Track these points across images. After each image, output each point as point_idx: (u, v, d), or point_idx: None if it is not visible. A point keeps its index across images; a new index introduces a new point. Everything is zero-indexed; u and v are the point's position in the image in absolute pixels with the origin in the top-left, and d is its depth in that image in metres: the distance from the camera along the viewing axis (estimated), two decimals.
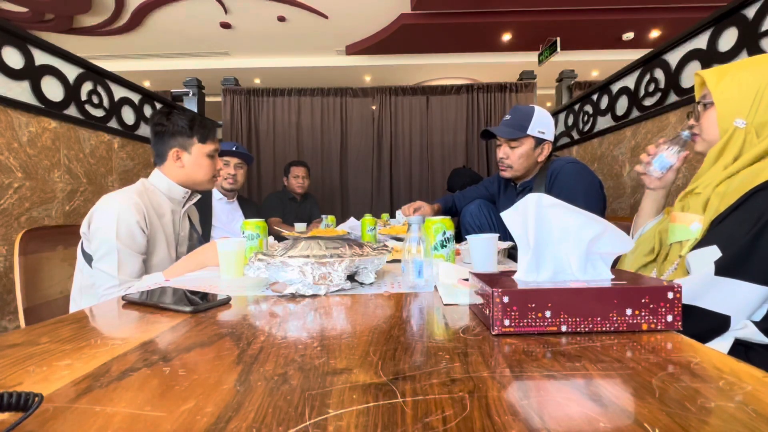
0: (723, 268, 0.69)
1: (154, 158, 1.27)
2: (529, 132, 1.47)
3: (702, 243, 0.75)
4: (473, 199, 1.74)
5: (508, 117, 1.54)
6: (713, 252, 0.71)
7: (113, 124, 2.18)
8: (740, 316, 0.68)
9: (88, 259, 1.11)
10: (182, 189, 1.27)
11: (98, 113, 2.07)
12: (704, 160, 0.86)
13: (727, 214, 0.74)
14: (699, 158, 0.90)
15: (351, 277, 0.81)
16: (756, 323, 0.69)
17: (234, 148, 2.23)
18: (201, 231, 1.95)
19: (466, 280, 0.70)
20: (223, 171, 2.18)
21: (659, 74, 1.95)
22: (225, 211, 2.27)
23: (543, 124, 1.49)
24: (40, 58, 1.75)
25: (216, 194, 2.24)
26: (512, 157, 1.50)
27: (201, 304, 0.64)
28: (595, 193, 1.39)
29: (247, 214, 2.34)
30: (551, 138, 1.51)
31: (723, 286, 0.68)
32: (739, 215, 0.72)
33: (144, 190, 1.19)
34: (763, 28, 1.40)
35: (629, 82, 2.20)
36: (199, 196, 1.36)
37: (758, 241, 0.67)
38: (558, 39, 4.06)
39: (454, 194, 1.93)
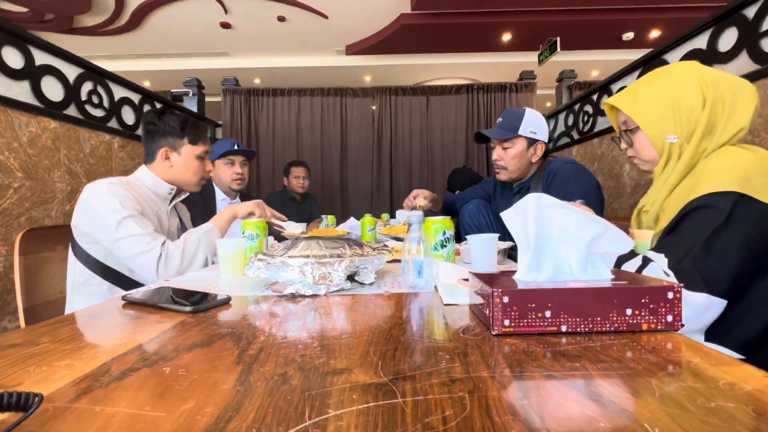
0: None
1: (144, 156, 1.28)
2: (520, 132, 1.49)
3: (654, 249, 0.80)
4: (472, 199, 1.76)
5: (500, 119, 1.57)
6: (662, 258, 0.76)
7: (113, 124, 2.18)
8: (692, 325, 0.71)
9: (80, 255, 1.11)
10: (168, 186, 1.27)
11: (98, 113, 2.07)
12: (654, 178, 0.91)
13: (667, 233, 0.80)
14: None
15: (351, 277, 0.81)
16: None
17: (235, 146, 2.11)
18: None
19: (466, 280, 0.70)
20: (229, 171, 2.10)
21: None
22: None
23: (534, 124, 1.51)
24: (40, 58, 1.75)
25: (219, 194, 2.19)
26: (506, 158, 1.53)
27: (201, 304, 0.64)
28: (593, 194, 1.40)
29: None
30: (544, 138, 1.52)
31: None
32: (678, 235, 0.77)
33: (127, 183, 1.19)
34: (763, 28, 1.40)
35: (629, 82, 2.20)
36: (187, 194, 1.35)
37: (709, 249, 0.71)
38: (558, 39, 4.06)
39: (456, 195, 1.95)
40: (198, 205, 2.06)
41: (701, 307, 0.69)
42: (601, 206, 1.43)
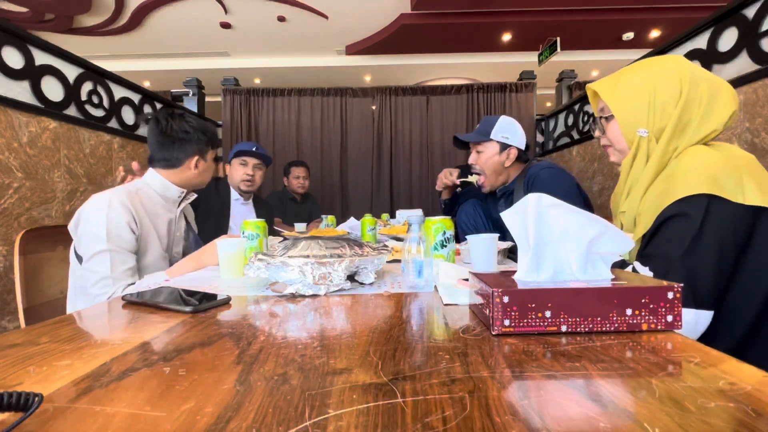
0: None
1: (158, 161, 1.23)
2: (492, 136, 1.56)
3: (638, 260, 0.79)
4: (469, 199, 1.79)
5: (477, 126, 1.64)
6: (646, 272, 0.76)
7: (113, 124, 2.18)
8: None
9: (81, 259, 1.11)
10: (178, 189, 1.26)
11: (98, 113, 2.07)
12: (621, 171, 0.90)
13: (646, 243, 0.79)
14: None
15: (351, 277, 0.81)
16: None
17: (254, 149, 2.15)
18: (216, 230, 1.93)
19: (466, 280, 0.70)
20: (241, 171, 2.12)
21: None
22: (240, 212, 2.23)
23: (507, 129, 1.57)
24: (40, 58, 1.75)
25: (233, 194, 2.20)
26: (480, 161, 1.60)
27: (201, 304, 0.64)
28: (574, 195, 1.42)
29: (260, 215, 2.29)
30: (517, 144, 1.57)
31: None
32: (657, 247, 0.76)
33: (136, 191, 1.18)
34: (763, 28, 1.40)
35: None
36: (194, 196, 1.35)
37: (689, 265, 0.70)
38: (558, 39, 4.06)
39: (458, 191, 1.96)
40: (214, 203, 2.07)
41: (691, 323, 0.69)
42: (587, 204, 1.45)
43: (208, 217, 1.99)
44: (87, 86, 2.00)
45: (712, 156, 0.75)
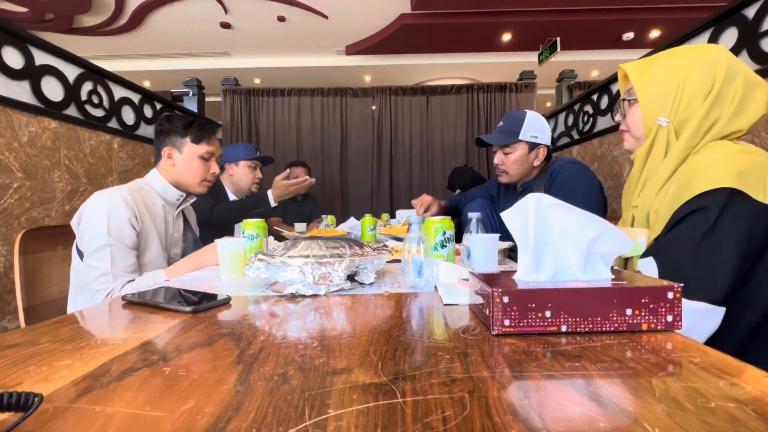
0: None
1: (154, 157, 1.29)
2: (521, 137, 1.49)
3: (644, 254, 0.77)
4: (475, 199, 1.76)
5: (501, 123, 1.57)
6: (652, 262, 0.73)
7: (113, 124, 2.18)
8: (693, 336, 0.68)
9: (82, 255, 1.11)
10: (177, 192, 1.27)
11: (98, 113, 2.07)
12: (635, 161, 0.86)
13: (663, 235, 0.75)
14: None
15: (351, 277, 0.81)
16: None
17: (258, 153, 2.23)
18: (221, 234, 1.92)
19: (466, 280, 0.70)
20: (252, 175, 2.19)
21: None
22: None
23: (535, 128, 1.50)
24: (40, 58, 1.75)
25: (230, 196, 2.21)
26: (507, 163, 1.53)
27: (201, 304, 0.64)
28: (594, 194, 1.39)
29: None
30: (546, 141, 1.52)
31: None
32: (670, 239, 0.73)
33: (137, 189, 1.19)
34: (763, 28, 1.40)
35: None
36: (194, 199, 1.35)
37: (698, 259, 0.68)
38: (558, 39, 4.06)
39: (459, 195, 1.95)
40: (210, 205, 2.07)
41: (702, 313, 0.66)
42: (603, 207, 1.43)
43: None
44: (87, 86, 2.00)
45: (734, 150, 0.72)
